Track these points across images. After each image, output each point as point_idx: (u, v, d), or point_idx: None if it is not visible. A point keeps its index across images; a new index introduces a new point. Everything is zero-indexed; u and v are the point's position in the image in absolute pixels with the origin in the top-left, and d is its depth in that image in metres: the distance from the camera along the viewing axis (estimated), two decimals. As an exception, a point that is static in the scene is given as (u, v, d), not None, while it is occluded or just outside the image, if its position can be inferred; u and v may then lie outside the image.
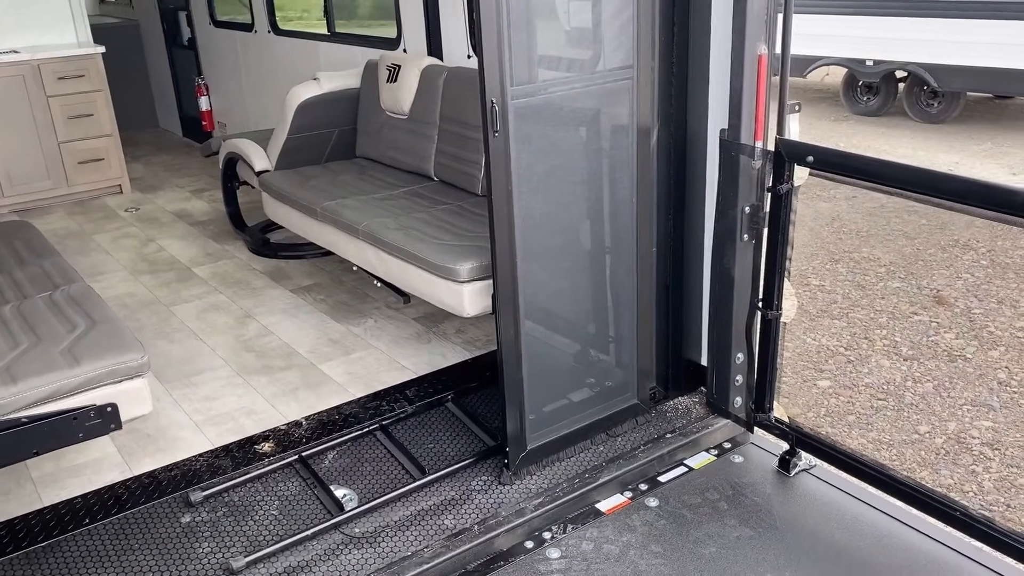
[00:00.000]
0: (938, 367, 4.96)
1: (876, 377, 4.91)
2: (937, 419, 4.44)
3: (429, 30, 4.76)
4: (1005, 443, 4.20)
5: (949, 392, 4.71)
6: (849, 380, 4.90)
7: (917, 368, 4.97)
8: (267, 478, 3.03)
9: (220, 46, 7.33)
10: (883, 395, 4.74)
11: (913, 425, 4.44)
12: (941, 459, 4.14)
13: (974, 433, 4.30)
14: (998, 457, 4.11)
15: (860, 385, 4.86)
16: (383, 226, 3.74)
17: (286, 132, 4.77)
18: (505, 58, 2.54)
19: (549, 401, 3.06)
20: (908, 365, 5.03)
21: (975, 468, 4.05)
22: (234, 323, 4.36)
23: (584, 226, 3.02)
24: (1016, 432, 4.29)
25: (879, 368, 5.01)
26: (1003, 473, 3.99)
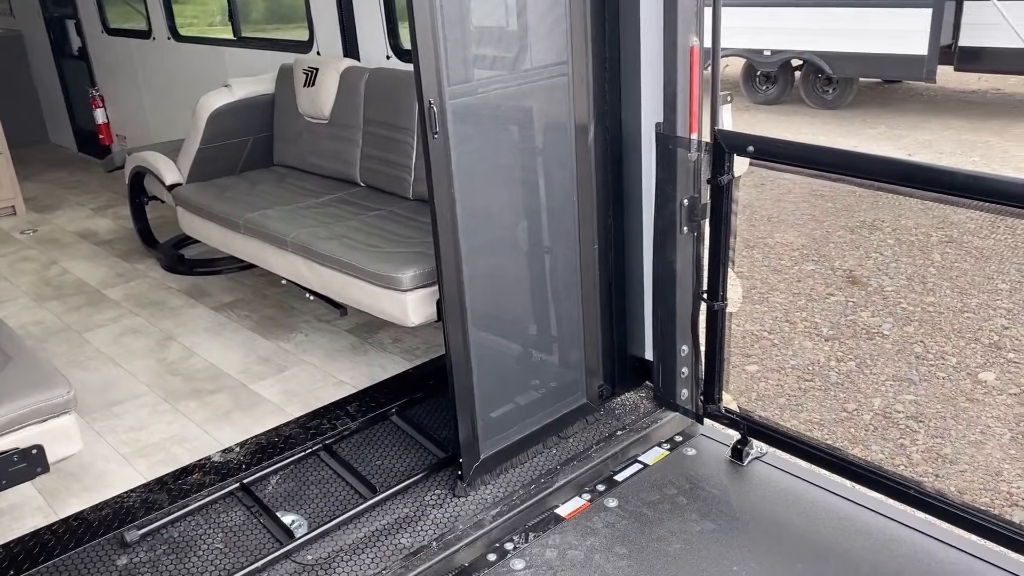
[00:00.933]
0: (858, 345, 5.12)
1: (801, 359, 5.02)
2: (863, 396, 4.58)
3: (344, 31, 4.61)
4: (928, 415, 4.36)
5: (871, 369, 4.86)
6: (775, 363, 5.00)
7: (839, 347, 5.12)
8: (208, 509, 2.86)
9: (115, 55, 6.96)
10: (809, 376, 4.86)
11: (841, 403, 4.56)
12: (870, 435, 4.26)
13: (899, 407, 4.44)
14: (923, 429, 4.26)
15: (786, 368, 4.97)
16: (314, 236, 3.59)
17: (198, 142, 4.55)
18: (441, 57, 2.46)
19: (499, 407, 2.99)
20: (830, 345, 5.17)
21: (903, 442, 4.18)
22: (154, 346, 4.13)
23: (527, 226, 2.96)
24: (937, 404, 4.45)
25: (803, 350, 5.13)
26: (929, 444, 4.13)
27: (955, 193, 2.13)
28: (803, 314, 5.57)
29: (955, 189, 2.13)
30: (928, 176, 2.21)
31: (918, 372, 4.79)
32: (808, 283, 6.06)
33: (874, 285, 5.96)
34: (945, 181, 2.18)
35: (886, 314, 5.50)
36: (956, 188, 2.12)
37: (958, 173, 2.12)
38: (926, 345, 5.07)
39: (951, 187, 2.14)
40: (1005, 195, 2.03)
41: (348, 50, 4.63)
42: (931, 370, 4.80)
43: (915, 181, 2.23)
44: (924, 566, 2.48)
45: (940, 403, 4.46)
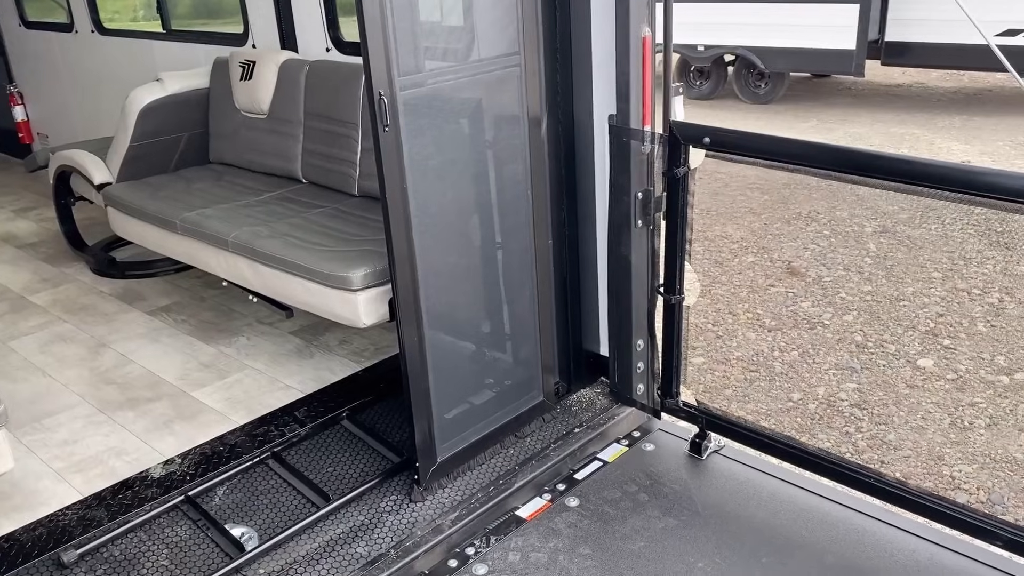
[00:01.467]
0: (800, 335, 5.19)
1: (745, 350, 5.07)
2: (807, 385, 4.64)
3: (281, 23, 4.45)
4: (871, 403, 4.43)
5: (814, 359, 4.93)
6: (721, 355, 5.04)
7: (781, 338, 5.18)
8: (151, 524, 2.72)
9: (35, 49, 6.63)
10: (754, 367, 4.90)
11: (786, 393, 4.62)
12: (816, 424, 4.31)
13: (842, 396, 4.51)
14: (867, 417, 4.33)
15: (732, 359, 5.01)
16: (256, 235, 3.44)
17: (128, 140, 4.34)
18: (391, 47, 2.37)
19: (454, 408, 2.92)
20: (773, 336, 5.23)
21: (848, 429, 4.24)
22: (87, 354, 3.92)
23: (482, 221, 2.88)
24: (879, 391, 4.53)
25: (747, 341, 5.18)
26: (873, 431, 4.20)
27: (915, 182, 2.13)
28: (745, 306, 5.63)
29: (914, 178, 2.13)
30: (887, 165, 2.22)
31: (859, 360, 4.87)
32: (749, 275, 6.13)
33: (813, 276, 6.06)
34: (903, 170, 2.18)
35: (826, 304, 5.59)
36: (915, 177, 2.13)
37: (916, 162, 2.13)
38: (866, 334, 5.17)
39: (910, 176, 2.15)
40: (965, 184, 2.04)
41: (285, 42, 4.48)
42: (871, 358, 4.90)
43: (874, 170, 2.23)
44: (886, 554, 2.49)
45: (882, 390, 4.54)
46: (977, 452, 3.97)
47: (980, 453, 3.96)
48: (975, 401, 4.36)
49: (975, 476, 3.82)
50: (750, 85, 11.55)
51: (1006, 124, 9.95)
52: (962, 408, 4.31)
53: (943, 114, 10.55)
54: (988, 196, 2.06)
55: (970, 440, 4.05)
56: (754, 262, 6.40)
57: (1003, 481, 3.78)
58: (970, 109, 10.75)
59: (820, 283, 5.94)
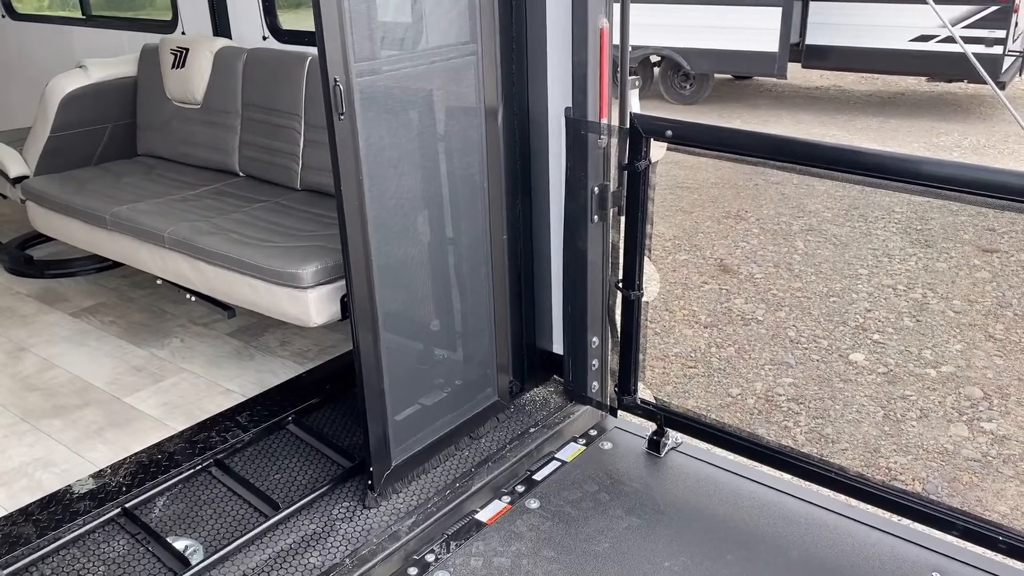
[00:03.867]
0: (736, 331, 5.25)
1: (683, 346, 5.10)
2: (745, 381, 4.69)
3: (214, 10, 4.25)
4: (807, 397, 4.51)
5: (750, 354, 5.00)
6: (659, 351, 5.06)
7: (717, 334, 5.23)
8: (85, 540, 2.54)
9: (-63, 34, 6.21)
10: (692, 363, 4.94)
11: (725, 389, 4.66)
12: (756, 419, 4.36)
13: (779, 391, 4.58)
14: (804, 411, 4.40)
15: (670, 355, 5.03)
16: (195, 231, 3.26)
17: (48, 130, 4.07)
18: (347, 32, 2.25)
19: (406, 409, 2.81)
20: (709, 332, 5.28)
21: (787, 424, 4.30)
22: (5, 359, 3.66)
23: (437, 215, 2.79)
24: (814, 385, 4.62)
25: (684, 337, 5.22)
26: (812, 425, 4.28)
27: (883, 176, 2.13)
28: (681, 303, 5.67)
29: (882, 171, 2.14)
30: (853, 159, 2.22)
31: (793, 355, 4.96)
32: (683, 272, 6.18)
33: (744, 273, 6.15)
34: (870, 163, 2.19)
35: (759, 300, 5.68)
36: (883, 170, 2.13)
37: (884, 155, 2.13)
38: (799, 329, 5.26)
39: (877, 169, 2.15)
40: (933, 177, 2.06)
41: (218, 30, 4.28)
42: (806, 353, 4.99)
43: (841, 164, 2.24)
44: (849, 548, 2.50)
45: (817, 385, 4.63)
46: (910, 444, 4.07)
47: (913, 444, 4.06)
48: (906, 394, 4.48)
49: (910, 467, 3.91)
50: (676, 86, 11.72)
51: (920, 127, 10.35)
52: (894, 401, 4.42)
53: (860, 116, 10.91)
54: (936, 186, 2.08)
55: (903, 432, 4.15)
56: (687, 260, 6.47)
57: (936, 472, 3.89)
58: (885, 112, 11.14)
59: (752, 280, 6.04)
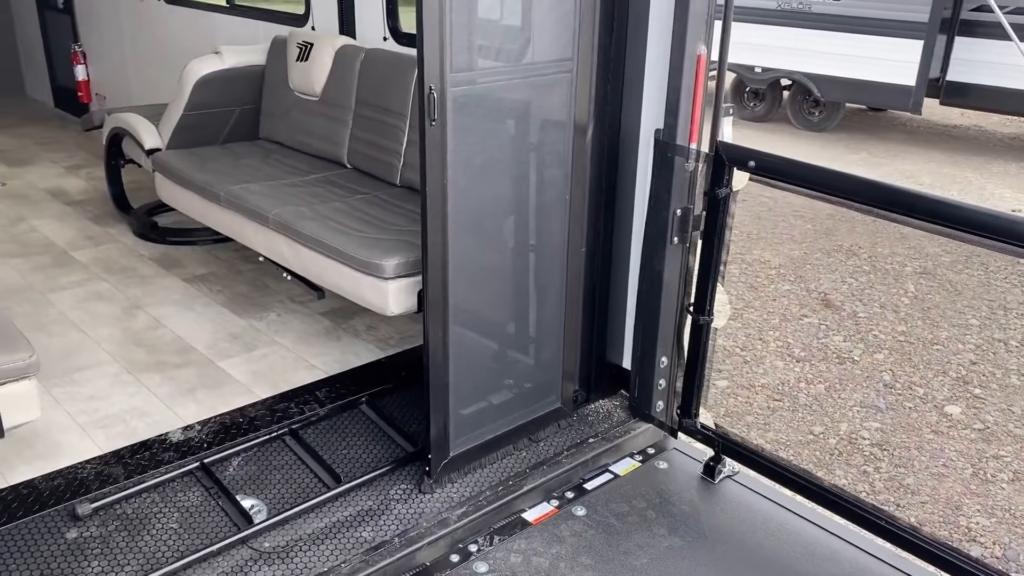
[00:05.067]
0: (828, 369, 5.13)
1: (771, 378, 5.02)
2: (830, 420, 4.58)
3: (342, 8, 4.50)
4: (892, 444, 4.37)
5: (839, 393, 4.87)
6: (746, 380, 5.00)
7: (809, 369, 5.13)
8: (165, 487, 2.77)
9: (102, 11, 6.77)
10: (779, 396, 4.86)
11: (808, 425, 4.57)
12: (835, 459, 4.26)
13: (864, 434, 4.45)
14: (887, 457, 4.27)
15: (756, 385, 4.97)
16: (298, 215, 3.49)
17: (182, 108, 4.42)
18: (446, 42, 2.38)
19: (471, 405, 2.93)
20: (801, 366, 5.18)
21: (866, 468, 4.19)
22: (121, 314, 4.00)
23: (516, 222, 2.90)
24: (902, 433, 4.47)
25: (774, 369, 5.14)
26: (892, 473, 4.15)
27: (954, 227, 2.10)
28: (776, 333, 5.58)
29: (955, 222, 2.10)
30: (929, 207, 2.19)
31: (885, 400, 4.81)
32: (783, 303, 6.07)
33: (848, 310, 5.98)
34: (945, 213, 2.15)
35: (857, 340, 5.52)
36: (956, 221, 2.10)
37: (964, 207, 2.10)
38: (895, 374, 5.10)
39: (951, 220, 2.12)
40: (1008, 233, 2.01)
41: (344, 28, 4.53)
42: (898, 399, 4.83)
43: (916, 211, 2.21)
44: (890, 599, 2.46)
45: (905, 433, 4.48)
46: (997, 506, 3.90)
47: (1000, 507, 3.89)
48: (1000, 454, 4.28)
49: (992, 530, 3.75)
50: (804, 111, 11.44)
51: (1067, 178, 9.75)
52: (986, 460, 4.24)
53: (999, 159, 10.36)
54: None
55: (991, 493, 3.98)
56: (790, 290, 6.34)
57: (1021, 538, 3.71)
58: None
59: (854, 318, 5.87)
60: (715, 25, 2.79)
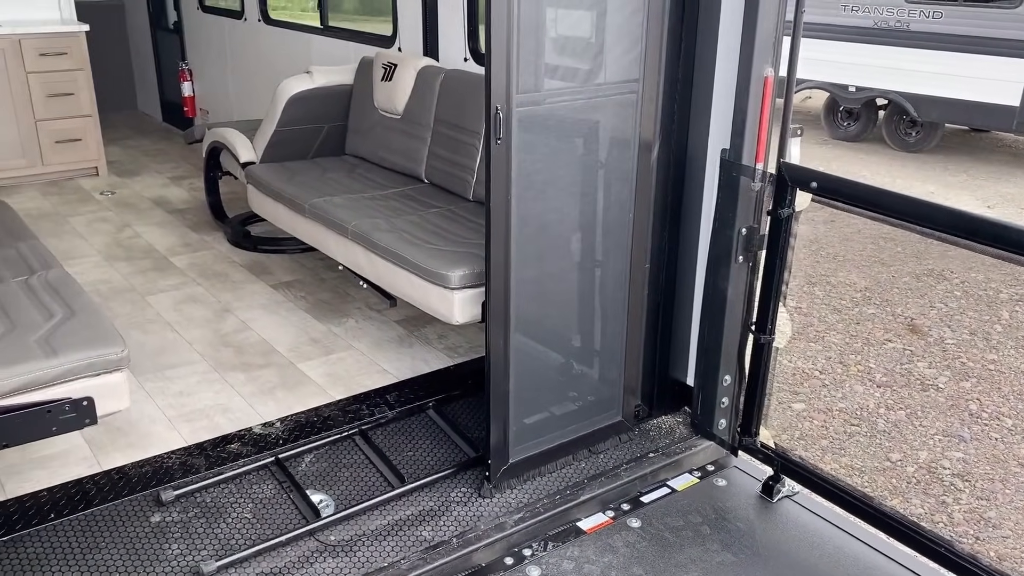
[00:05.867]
0: (911, 395, 5.00)
1: (850, 402, 4.93)
2: (909, 447, 4.47)
3: (426, 30, 4.69)
4: (975, 475, 4.23)
5: (921, 421, 4.74)
6: (823, 404, 4.92)
7: (890, 395, 5.00)
8: (242, 479, 2.95)
9: (207, 32, 7.19)
10: (856, 420, 4.76)
11: (885, 452, 4.46)
12: (912, 488, 4.16)
13: (945, 464, 4.33)
14: (968, 489, 4.14)
15: (834, 409, 4.88)
16: (374, 227, 3.67)
17: (275, 124, 4.68)
18: (513, 65, 2.49)
19: (533, 414, 3.02)
20: (881, 392, 5.06)
21: (945, 499, 4.07)
22: (212, 316, 4.26)
23: (580, 238, 2.98)
24: (986, 465, 4.32)
25: (853, 393, 5.04)
26: (973, 505, 4.02)
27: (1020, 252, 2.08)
28: (858, 357, 5.46)
29: (1020, 248, 2.08)
30: (996, 232, 2.16)
31: (970, 430, 4.66)
32: (867, 326, 5.94)
33: (935, 336, 5.81)
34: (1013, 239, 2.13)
35: (944, 367, 5.36)
36: (1020, 247, 2.07)
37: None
38: (982, 403, 4.93)
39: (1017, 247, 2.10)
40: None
41: (428, 49, 4.71)
42: (984, 430, 4.67)
43: (981, 236, 2.19)
44: (946, 627, 2.42)
45: (989, 464, 4.33)
46: (1086, 545, 3.74)
47: (1089, 546, 3.73)
48: (1093, 491, 4.10)
49: (1079, 570, 3.60)
50: (900, 132, 11.12)
51: None
52: (1078, 497, 4.07)
53: (1109, 184, 9.85)
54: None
55: (1080, 531, 3.82)
56: (874, 314, 6.20)
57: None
58: None
59: (941, 344, 5.70)
60: (785, 44, 2.81)
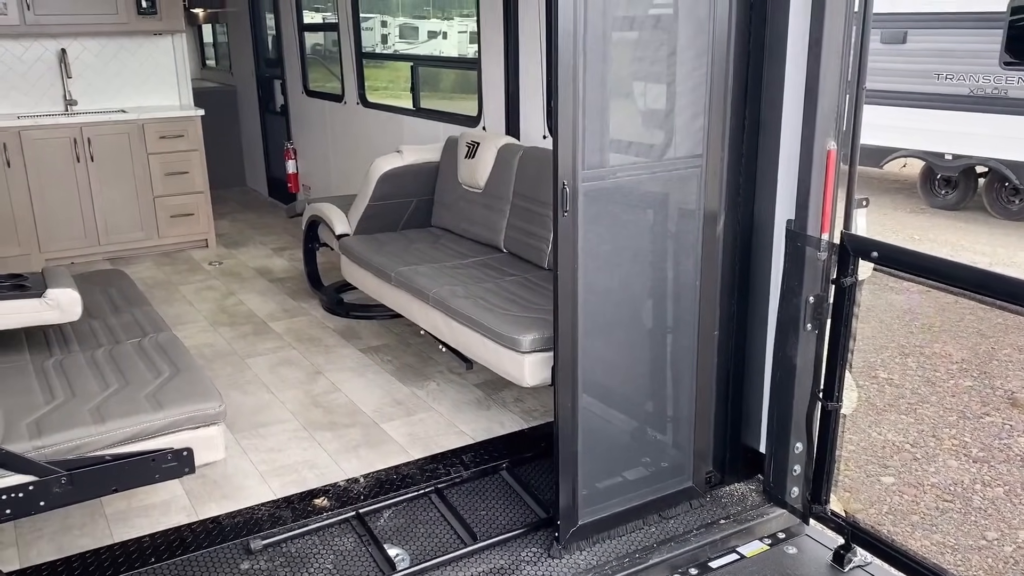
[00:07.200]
0: (1010, 472, 4.81)
1: (943, 477, 4.77)
2: (1007, 526, 4.29)
3: (508, 110, 4.97)
4: (1080, 558, 4.03)
5: (1021, 499, 4.55)
6: (914, 478, 4.78)
7: (987, 471, 4.83)
8: (324, 532, 3.13)
9: (310, 114, 7.73)
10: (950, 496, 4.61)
11: (981, 530, 4.30)
12: (1010, 568, 3.99)
13: (1048, 544, 4.14)
14: (1072, 572, 3.95)
15: (926, 484, 4.74)
16: (452, 293, 3.88)
17: (367, 200, 5.00)
18: (579, 143, 2.66)
19: (603, 477, 3.09)
20: (978, 467, 4.88)
21: (1047, 581, 3.89)
22: (304, 378, 4.52)
23: (647, 305, 3.09)
24: (1093, 547, 4.11)
25: (946, 468, 4.88)
26: (1076, 590, 3.83)
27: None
28: (952, 431, 5.30)
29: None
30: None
31: (1076, 511, 4.44)
32: (963, 399, 5.75)
33: (1038, 411, 5.58)
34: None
35: (1047, 443, 5.14)
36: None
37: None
38: (1089, 483, 4.70)
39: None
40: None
41: (510, 127, 4.98)
42: (1089, 511, 4.45)
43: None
44: None
45: (1095, 548, 4.12)
46: None
47: None
48: None
49: None
50: (1002, 200, 10.80)
51: None
52: None
53: None
54: None
55: None
56: (971, 386, 6.00)
57: None
58: None
59: (1046, 420, 5.47)
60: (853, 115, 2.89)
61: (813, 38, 2.82)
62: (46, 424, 2.69)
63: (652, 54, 2.97)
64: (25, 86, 6.68)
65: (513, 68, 4.92)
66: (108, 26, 6.64)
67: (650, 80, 3.02)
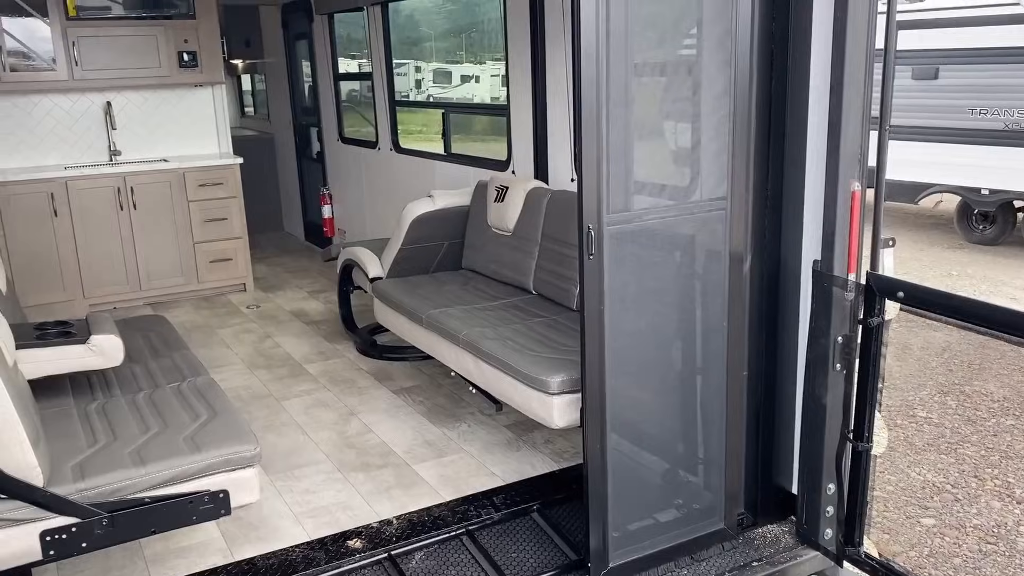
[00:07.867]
0: (1056, 514, 4.69)
1: (986, 519, 4.67)
2: (1054, 569, 4.19)
3: (537, 153, 5.06)
4: None
5: (1068, 541, 4.44)
6: (956, 520, 4.69)
7: (1032, 513, 4.72)
8: (357, 573, 3.16)
9: (345, 160, 7.90)
10: (993, 539, 4.51)
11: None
12: (1057, 614, 3.89)
13: (1096, 589, 4.03)
14: (1122, 617, 3.84)
15: (968, 526, 4.64)
16: (482, 335, 3.93)
17: (400, 244, 5.11)
18: (603, 187, 2.72)
19: (634, 519, 3.09)
20: (1022, 509, 4.78)
21: (1095, 627, 3.78)
22: (338, 420, 4.59)
23: (674, 346, 3.11)
24: None
25: (989, 509, 4.78)
26: None
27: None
28: (995, 471, 5.19)
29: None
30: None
31: (1125, 553, 4.32)
32: (1006, 439, 5.64)
33: (1085, 450, 5.45)
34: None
35: (1093, 483, 5.01)
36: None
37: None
38: None
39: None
40: None
41: (539, 170, 5.07)
42: None
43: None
44: None
45: None
46: None
47: None
48: None
49: None
50: (1042, 234, 10.66)
51: None
52: None
53: None
54: None
55: None
56: (1014, 425, 5.88)
57: None
58: None
59: (1092, 460, 5.34)
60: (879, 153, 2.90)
61: (835, 78, 2.86)
62: (89, 467, 2.78)
63: (675, 97, 3.03)
64: (72, 138, 6.93)
65: (541, 112, 5.02)
66: (151, 79, 6.89)
67: (674, 122, 3.07)
